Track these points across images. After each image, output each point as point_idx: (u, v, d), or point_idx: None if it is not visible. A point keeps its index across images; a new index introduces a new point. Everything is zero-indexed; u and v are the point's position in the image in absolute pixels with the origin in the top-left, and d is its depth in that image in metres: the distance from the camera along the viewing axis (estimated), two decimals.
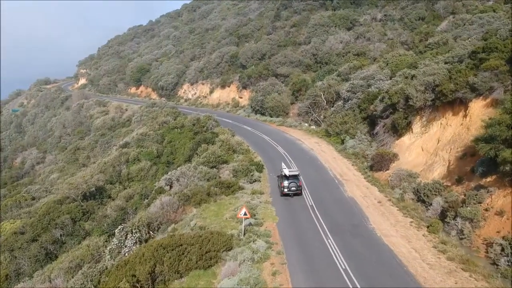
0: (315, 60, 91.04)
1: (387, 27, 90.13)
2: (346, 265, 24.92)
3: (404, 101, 45.11)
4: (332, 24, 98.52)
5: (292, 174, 38.50)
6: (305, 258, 26.14)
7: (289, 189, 38.04)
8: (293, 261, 25.77)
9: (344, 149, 53.73)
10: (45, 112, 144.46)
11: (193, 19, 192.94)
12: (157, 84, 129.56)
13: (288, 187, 38.06)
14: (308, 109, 74.29)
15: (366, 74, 60.52)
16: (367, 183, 41.23)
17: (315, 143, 59.17)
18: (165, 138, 76.08)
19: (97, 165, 73.65)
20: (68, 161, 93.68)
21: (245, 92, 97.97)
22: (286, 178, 38.32)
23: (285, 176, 38.43)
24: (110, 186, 63.15)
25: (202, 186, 40.04)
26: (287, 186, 38.05)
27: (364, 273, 24.00)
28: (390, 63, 64.12)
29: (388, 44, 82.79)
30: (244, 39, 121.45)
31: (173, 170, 46.24)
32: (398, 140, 47.30)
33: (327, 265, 25.18)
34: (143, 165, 65.04)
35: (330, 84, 72.51)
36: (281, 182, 39.05)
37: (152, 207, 37.26)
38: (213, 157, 47.82)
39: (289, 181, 38.12)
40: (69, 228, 49.81)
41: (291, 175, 38.40)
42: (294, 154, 53.77)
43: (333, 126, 60.03)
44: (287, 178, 38.28)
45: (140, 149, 72.01)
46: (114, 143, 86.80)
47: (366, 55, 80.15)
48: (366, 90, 57.72)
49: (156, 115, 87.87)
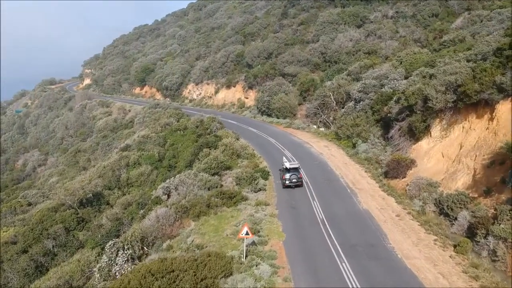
0: (324, 59, 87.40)
1: (399, 24, 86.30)
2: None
3: (422, 103, 41.50)
4: (341, 22, 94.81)
5: (292, 167, 41.10)
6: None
7: (290, 181, 40.59)
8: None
9: (356, 153, 50.15)
10: (48, 113, 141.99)
11: (199, 18, 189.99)
12: (162, 84, 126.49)
13: (289, 179, 40.60)
14: (317, 110, 70.73)
15: (379, 73, 56.88)
16: (383, 192, 37.62)
17: (324, 147, 55.64)
18: (168, 140, 72.98)
19: (96, 169, 70.60)
20: (69, 164, 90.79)
21: (251, 93, 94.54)
22: (287, 171, 40.91)
23: (286, 169, 41.06)
24: (108, 192, 60.07)
25: (202, 196, 36.67)
26: (289, 179, 40.61)
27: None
28: (404, 61, 60.41)
29: (401, 42, 78.98)
30: (250, 37, 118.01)
31: (171, 178, 42.87)
32: (415, 145, 43.67)
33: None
34: (143, 169, 61.90)
35: (339, 84, 68.94)
36: (283, 175, 41.42)
37: (147, 220, 33.93)
38: (215, 163, 44.45)
39: (290, 174, 40.65)
40: (62, 239, 46.65)
41: (291, 168, 41.01)
42: (302, 159, 50.21)
43: (343, 128, 56.45)
44: (288, 171, 40.87)
45: (141, 152, 68.91)
46: (116, 146, 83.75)
47: (377, 53, 76.42)
48: (379, 90, 54.12)
49: (158, 117, 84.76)
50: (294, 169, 41.02)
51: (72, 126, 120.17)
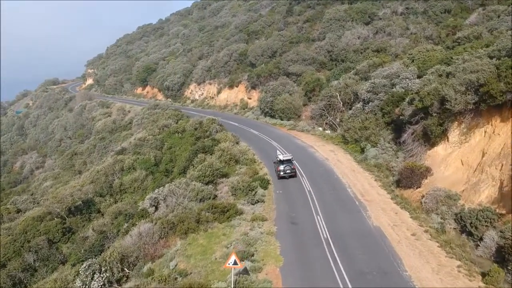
0: (330, 57, 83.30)
1: (410, 21, 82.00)
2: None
3: (438, 104, 37.29)
4: (348, 19, 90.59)
5: (286, 159, 43.77)
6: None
7: (284, 172, 42.95)
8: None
9: (364, 159, 46.00)
10: (48, 113, 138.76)
11: (203, 16, 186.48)
12: (163, 84, 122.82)
13: (283, 170, 42.99)
14: (322, 111, 66.63)
15: (389, 72, 52.66)
16: (395, 205, 33.48)
17: (330, 152, 51.55)
18: (165, 143, 69.32)
19: (90, 173, 66.99)
20: (64, 167, 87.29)
21: (254, 93, 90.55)
22: (281, 162, 43.48)
23: (280, 161, 43.69)
24: (99, 199, 56.34)
25: (192, 209, 32.70)
26: (283, 170, 42.99)
27: None
28: (416, 59, 56.20)
29: (411, 39, 74.72)
30: (254, 36, 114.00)
31: (160, 188, 38.90)
32: (430, 151, 39.47)
33: None
34: (137, 175, 58.11)
35: (347, 83, 64.83)
36: (277, 167, 43.77)
37: (128, 237, 30.03)
38: (210, 170, 40.47)
39: (284, 165, 43.14)
40: (45, 252, 42.94)
41: (285, 160, 43.70)
42: (306, 165, 46.28)
43: (351, 131, 52.33)
44: (282, 163, 43.42)
45: (136, 156, 65.21)
46: (112, 149, 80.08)
47: (387, 51, 72.14)
48: (390, 90, 49.92)
49: (157, 118, 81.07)
50: (287, 160, 43.75)
51: (71, 127, 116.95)
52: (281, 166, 43.08)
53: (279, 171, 42.98)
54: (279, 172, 42.96)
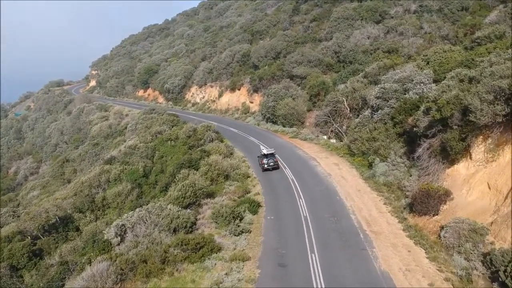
0: (338, 58, 77.40)
1: (423, 20, 75.78)
2: None
3: (460, 115, 31.31)
4: (357, 17, 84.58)
5: (269, 153, 47.79)
6: None
7: (268, 164, 46.80)
8: None
9: (372, 176, 40.04)
10: (47, 116, 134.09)
11: (210, 16, 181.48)
12: (163, 87, 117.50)
13: (267, 163, 46.81)
14: (327, 118, 60.80)
15: (401, 75, 46.57)
16: (408, 239, 27.51)
17: (334, 165, 45.65)
18: (157, 152, 63.95)
19: (74, 185, 61.77)
20: (54, 175, 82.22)
21: (256, 96, 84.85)
22: (265, 156, 47.40)
23: (264, 155, 47.66)
24: (79, 216, 50.93)
25: (161, 243, 26.95)
26: (267, 163, 46.82)
27: None
28: (431, 61, 50.18)
29: (426, 39, 68.64)
30: (258, 36, 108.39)
31: (128, 212, 33.26)
32: (450, 169, 33.48)
33: None
34: (121, 188, 52.64)
35: (354, 87, 59.03)
36: (261, 160, 47.69)
37: (79, 279, 24.44)
38: (191, 190, 34.78)
39: (267, 159, 46.98)
40: (6, 281, 37.52)
41: (268, 154, 47.66)
42: (306, 183, 40.50)
43: (357, 143, 46.42)
44: (266, 157, 47.32)
45: (123, 166, 59.85)
46: (103, 156, 74.88)
47: (399, 52, 66.09)
48: (402, 96, 43.91)
49: (150, 124, 75.63)
50: (270, 154, 47.75)
51: (68, 131, 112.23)
52: (264, 159, 47.18)
53: (263, 164, 47.15)
54: (263, 165, 47.12)
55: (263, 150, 48.87)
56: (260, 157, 48.49)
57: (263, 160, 47.16)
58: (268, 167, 46.53)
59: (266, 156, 47.14)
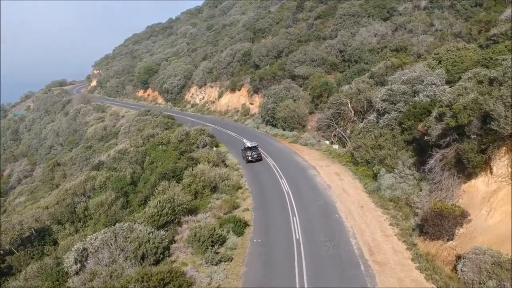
0: (342, 57, 72.84)
1: (434, 16, 71.01)
2: None
3: (479, 123, 26.79)
4: (364, 14, 79.97)
5: (252, 146, 50.98)
6: None
7: (251, 156, 50.03)
8: None
9: (377, 189, 35.51)
10: (44, 117, 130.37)
11: (213, 15, 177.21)
12: (162, 87, 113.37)
13: (251, 155, 50.03)
14: (330, 121, 56.27)
15: (410, 76, 41.96)
16: (418, 272, 23.02)
17: (335, 175, 41.15)
18: (148, 157, 59.78)
19: (58, 192, 57.77)
20: (44, 179, 78.29)
21: (256, 97, 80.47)
22: (249, 149, 50.53)
23: (248, 148, 50.73)
24: (57, 227, 46.76)
25: (120, 277, 22.59)
26: (250, 155, 50.06)
27: None
28: (444, 60, 45.61)
29: (437, 37, 63.97)
30: (260, 34, 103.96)
31: (94, 234, 28.94)
32: (466, 184, 28.91)
33: None
34: (104, 198, 48.39)
35: (359, 88, 54.59)
36: (245, 153, 50.87)
37: None
38: (169, 207, 30.41)
39: (251, 151, 50.28)
40: None
41: (252, 147, 50.83)
42: (302, 196, 36.08)
43: (361, 150, 41.88)
44: (249, 149, 50.48)
45: (110, 173, 55.70)
46: (93, 161, 70.88)
47: (408, 50, 61.49)
48: (411, 99, 39.34)
49: (143, 126, 71.46)
50: (254, 147, 51.16)
51: (64, 133, 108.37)
52: (248, 152, 50.86)
53: (247, 156, 50.75)
54: (247, 157, 50.72)
55: (246, 143, 52.27)
56: (244, 150, 51.88)
57: (246, 152, 50.83)
58: (252, 159, 50.24)
59: (249, 149, 50.92)
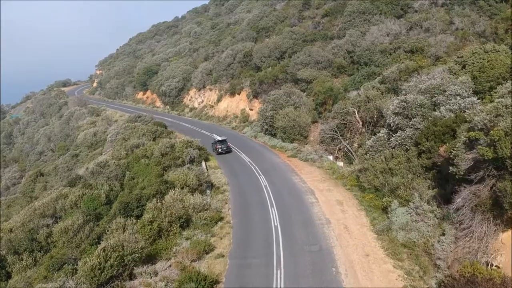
0: (351, 59, 65.50)
1: (454, 13, 63.46)
2: None
3: None
4: (375, 11, 72.50)
5: (222, 139, 58.38)
6: None
7: (222, 149, 57.29)
8: None
9: (387, 229, 28.23)
10: (39, 120, 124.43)
11: (219, 13, 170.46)
12: (160, 90, 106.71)
13: (221, 148, 57.40)
14: (335, 133, 49.07)
15: (429, 84, 34.65)
16: None
17: (336, 204, 33.97)
18: (129, 171, 53.14)
19: (25, 212, 51.12)
20: (25, 191, 71.97)
21: (255, 103, 73.40)
22: (219, 142, 57.96)
23: (219, 141, 58.13)
24: (12, 259, 40.03)
25: None
26: (220, 147, 57.41)
27: None
28: (469, 64, 38.18)
29: (457, 36, 56.55)
30: (264, 33, 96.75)
31: None
32: (505, 234, 21.72)
33: None
34: (70, 223, 41.64)
35: (368, 96, 47.35)
36: (216, 145, 57.99)
37: None
38: (115, 256, 23.44)
39: (221, 144, 57.67)
40: None
41: (222, 140, 58.26)
42: (293, 235, 29.01)
43: (368, 174, 34.61)
44: (220, 142, 57.89)
45: (83, 190, 49.05)
46: (75, 172, 64.38)
47: (424, 52, 54.15)
48: (430, 113, 32.07)
49: (129, 135, 64.75)
50: (223, 141, 57.81)
51: (56, 137, 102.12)
52: (218, 145, 57.29)
53: (217, 148, 57.25)
54: (217, 149, 57.21)
55: (217, 137, 59.18)
56: (214, 143, 58.39)
57: (217, 145, 57.33)
58: (222, 151, 56.84)
59: (220, 142, 57.57)
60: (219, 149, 56.77)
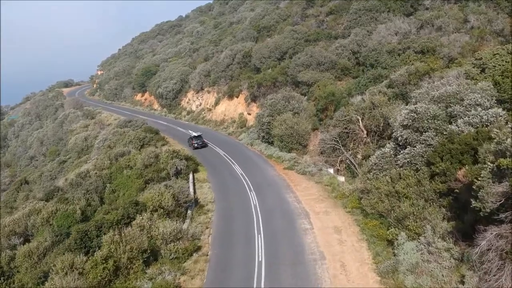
0: (356, 60, 60.31)
1: (469, 10, 57.99)
2: None
3: None
4: (383, 9, 67.22)
5: (197, 135, 61.88)
6: None
7: (197, 144, 60.11)
8: None
9: (393, 269, 23.12)
10: (34, 122, 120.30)
11: (223, 12, 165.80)
12: (157, 91, 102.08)
13: (196, 143, 60.22)
14: (336, 143, 43.98)
15: (443, 91, 29.44)
16: None
17: (333, 232, 28.90)
18: (110, 184, 48.55)
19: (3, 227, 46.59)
20: (7, 200, 67.56)
21: (253, 107, 68.47)
22: (195, 138, 61.07)
23: (194, 136, 61.33)
24: None
25: None
26: (196, 143, 60.25)
27: None
28: (489, 67, 32.96)
29: (473, 36, 51.29)
30: (265, 32, 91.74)
31: None
32: None
33: None
34: (35, 245, 37.09)
35: (374, 102, 42.23)
36: (192, 141, 60.84)
37: None
38: None
39: (197, 140, 60.72)
40: None
41: (197, 136, 61.57)
42: (279, 274, 24.02)
43: (371, 196, 29.48)
44: (196, 138, 61.01)
45: (58, 205, 44.55)
46: (55, 183, 59.80)
47: (437, 52, 48.82)
48: (445, 127, 26.88)
49: (116, 141, 60.08)
50: (199, 136, 61.88)
51: (48, 141, 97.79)
52: (194, 140, 60.46)
53: (193, 143, 60.11)
54: (193, 144, 59.99)
55: (192, 133, 62.39)
56: (191, 139, 61.21)
57: (193, 141, 60.23)
58: (198, 146, 59.48)
59: (195, 138, 60.82)
60: (195, 144, 59.34)
